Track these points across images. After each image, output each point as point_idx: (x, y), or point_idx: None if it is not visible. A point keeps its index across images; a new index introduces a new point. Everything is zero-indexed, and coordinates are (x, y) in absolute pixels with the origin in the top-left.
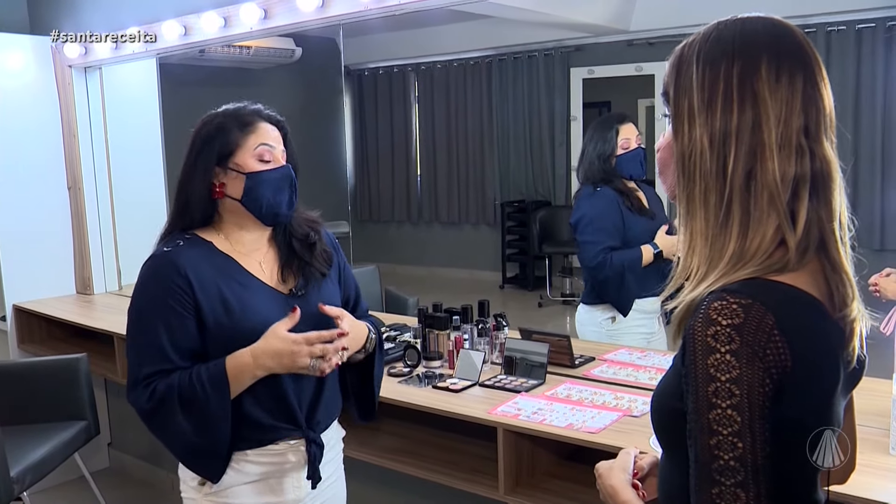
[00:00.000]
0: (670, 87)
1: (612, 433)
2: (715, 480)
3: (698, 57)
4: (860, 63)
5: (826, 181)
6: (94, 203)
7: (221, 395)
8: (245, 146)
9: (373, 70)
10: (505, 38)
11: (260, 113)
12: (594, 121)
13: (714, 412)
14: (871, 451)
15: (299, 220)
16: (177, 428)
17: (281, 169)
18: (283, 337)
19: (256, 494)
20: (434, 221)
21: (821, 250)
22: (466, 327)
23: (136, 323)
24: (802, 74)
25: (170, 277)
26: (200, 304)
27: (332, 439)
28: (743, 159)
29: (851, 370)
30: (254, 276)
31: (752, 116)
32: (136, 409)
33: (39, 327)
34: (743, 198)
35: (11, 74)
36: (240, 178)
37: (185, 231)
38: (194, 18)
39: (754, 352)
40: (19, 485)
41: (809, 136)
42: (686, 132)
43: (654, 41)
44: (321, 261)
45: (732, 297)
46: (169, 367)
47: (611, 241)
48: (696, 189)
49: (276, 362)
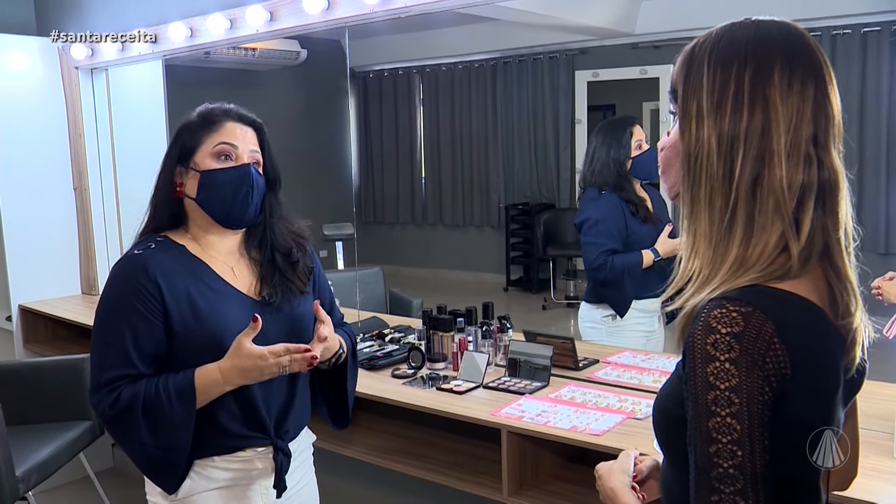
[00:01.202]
0: (679, 85)
1: (615, 435)
2: (714, 488)
3: (710, 57)
4: (865, 67)
5: (833, 191)
6: (100, 204)
7: (186, 408)
8: (205, 144)
9: (378, 72)
10: (510, 40)
11: (229, 113)
12: (601, 124)
13: (713, 420)
14: (874, 454)
15: (284, 231)
16: (137, 437)
17: (239, 168)
18: (249, 354)
19: (223, 501)
20: (438, 223)
21: (824, 257)
22: (470, 329)
23: (101, 325)
24: (814, 82)
25: (138, 280)
26: (168, 308)
27: (300, 446)
28: (750, 164)
29: (850, 378)
30: (225, 280)
31: (762, 121)
32: (98, 413)
33: (45, 327)
34: (748, 203)
35: (18, 76)
36: (195, 177)
37: (158, 234)
38: (200, 20)
39: (753, 360)
40: (24, 484)
41: (818, 144)
42: (693, 132)
43: (658, 44)
44: (302, 279)
45: (732, 305)
46: (133, 372)
47: (613, 244)
48: (701, 191)
49: (244, 378)
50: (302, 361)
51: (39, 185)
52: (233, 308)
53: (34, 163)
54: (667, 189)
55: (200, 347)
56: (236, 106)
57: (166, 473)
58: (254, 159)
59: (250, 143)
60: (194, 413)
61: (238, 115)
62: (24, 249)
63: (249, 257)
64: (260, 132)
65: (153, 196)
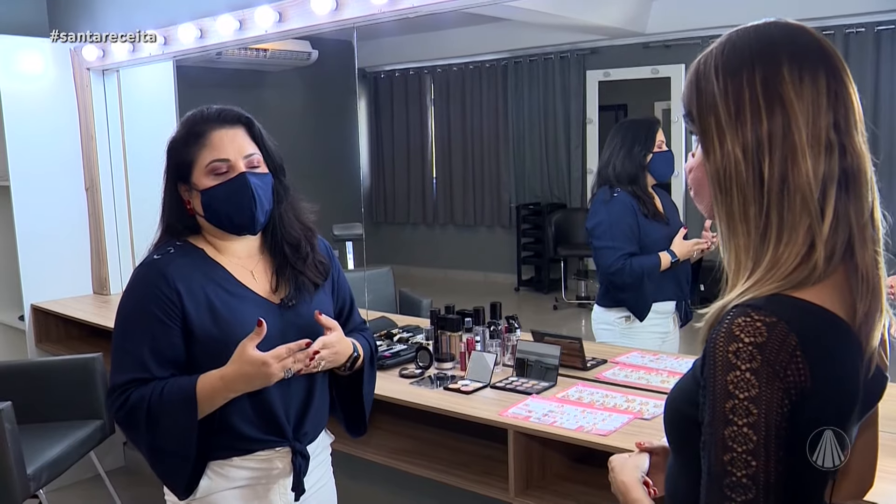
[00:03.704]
0: (693, 105)
1: (622, 436)
2: (726, 496)
3: (717, 70)
4: (879, 64)
5: (857, 175)
6: (112, 204)
7: (187, 414)
8: (198, 162)
9: (388, 72)
10: (520, 40)
11: (211, 119)
12: (624, 121)
13: (730, 429)
14: (885, 456)
15: (293, 222)
16: (143, 439)
17: (234, 180)
18: (252, 360)
19: (243, 501)
20: (449, 223)
21: (847, 255)
22: (478, 329)
23: (120, 329)
24: (825, 71)
25: (157, 286)
26: (188, 314)
27: (318, 447)
28: (778, 165)
29: (869, 381)
30: (244, 285)
31: (782, 120)
32: (111, 414)
33: (56, 327)
34: (779, 205)
35: (31, 77)
36: (198, 196)
37: (178, 238)
38: (210, 21)
39: (775, 372)
40: (35, 482)
41: (840, 130)
42: (717, 148)
43: (670, 44)
44: (314, 271)
45: (757, 315)
46: (146, 376)
47: (629, 247)
48: (734, 203)
49: (249, 385)
50: (304, 357)
51: (52, 185)
52: (252, 312)
53: (46, 163)
54: (703, 210)
55: (221, 352)
56: (219, 106)
57: (173, 477)
58: (249, 163)
59: (242, 147)
60: (196, 420)
61: (221, 118)
62: (36, 250)
63: (270, 257)
64: (249, 126)
65: (163, 215)
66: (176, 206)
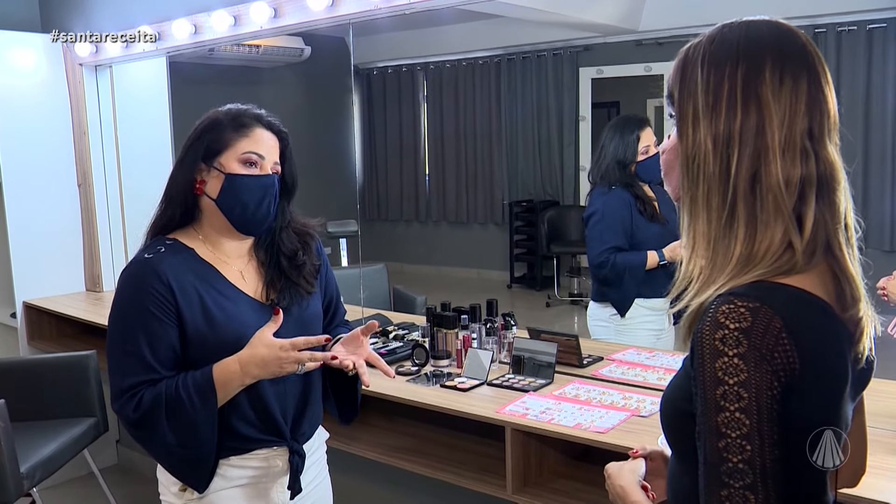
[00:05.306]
0: (675, 89)
1: (620, 433)
2: (724, 482)
3: (703, 59)
4: (871, 63)
5: (830, 183)
6: (104, 200)
7: (208, 405)
8: (234, 148)
9: (382, 69)
10: (514, 37)
11: (261, 119)
12: (612, 122)
13: (722, 415)
14: (881, 452)
15: (291, 231)
16: (163, 438)
17: (264, 178)
18: (270, 344)
19: (241, 500)
20: (442, 220)
21: (828, 252)
22: (475, 326)
23: (116, 331)
24: (806, 77)
25: (151, 284)
26: (182, 311)
27: (314, 445)
28: (746, 162)
29: (860, 371)
30: (234, 285)
31: (756, 119)
32: (122, 418)
33: (49, 324)
34: (748, 201)
35: (23, 73)
36: (220, 178)
37: (167, 236)
38: (204, 17)
39: (762, 355)
40: (29, 480)
41: (813, 138)
42: (690, 134)
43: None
44: (308, 280)
45: (740, 301)
46: (154, 376)
47: (617, 242)
48: (698, 191)
49: (263, 370)
50: (321, 358)
51: (44, 181)
52: (244, 312)
53: (38, 160)
54: (671, 192)
55: (213, 351)
56: (266, 112)
57: (196, 472)
58: (276, 171)
59: (275, 154)
60: (216, 409)
61: (268, 123)
62: (28, 246)
63: (258, 260)
64: (284, 141)
65: (168, 187)
66: (185, 181)
